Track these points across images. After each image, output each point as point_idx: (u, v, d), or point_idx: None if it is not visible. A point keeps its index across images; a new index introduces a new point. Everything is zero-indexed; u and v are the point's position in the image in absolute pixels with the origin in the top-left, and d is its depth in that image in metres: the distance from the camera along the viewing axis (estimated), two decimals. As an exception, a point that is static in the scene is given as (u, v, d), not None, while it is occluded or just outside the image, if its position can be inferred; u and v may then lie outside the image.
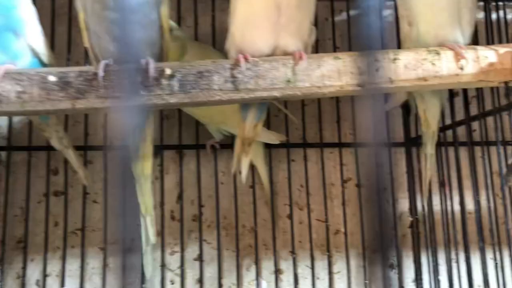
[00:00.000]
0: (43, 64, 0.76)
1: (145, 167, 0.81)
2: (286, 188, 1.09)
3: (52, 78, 0.68)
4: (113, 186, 0.29)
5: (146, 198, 0.82)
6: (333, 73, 0.73)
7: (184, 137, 1.07)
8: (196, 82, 0.70)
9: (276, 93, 0.72)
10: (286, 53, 0.74)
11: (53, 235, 1.03)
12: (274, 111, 1.09)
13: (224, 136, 1.04)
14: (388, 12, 1.11)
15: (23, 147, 1.03)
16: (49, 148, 0.96)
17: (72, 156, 0.90)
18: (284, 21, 0.72)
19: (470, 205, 0.99)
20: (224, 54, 0.80)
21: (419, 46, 0.78)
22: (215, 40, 1.08)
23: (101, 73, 0.67)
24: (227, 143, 1.04)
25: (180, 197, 1.07)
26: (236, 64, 0.71)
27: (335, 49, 1.15)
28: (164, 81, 0.70)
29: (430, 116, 0.93)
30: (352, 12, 1.15)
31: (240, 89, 0.71)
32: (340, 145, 1.12)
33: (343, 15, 1.18)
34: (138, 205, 0.80)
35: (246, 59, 0.71)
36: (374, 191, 0.28)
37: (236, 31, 0.74)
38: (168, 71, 0.70)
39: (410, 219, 1.12)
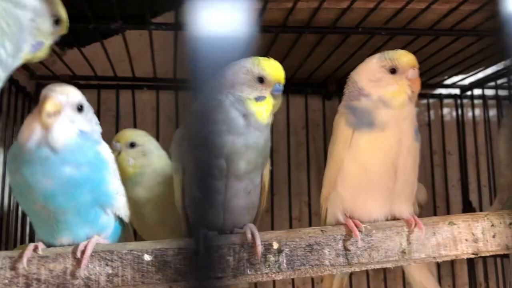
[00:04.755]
0: (123, 225, 0.67)
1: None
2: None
3: (147, 258, 0.59)
4: None
5: None
6: (448, 241, 0.67)
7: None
8: (306, 257, 0.62)
9: (389, 265, 0.65)
10: (397, 219, 0.68)
11: None
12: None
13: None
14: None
15: None
16: None
17: None
18: (399, 186, 0.66)
19: None
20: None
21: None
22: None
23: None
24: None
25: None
26: (348, 235, 0.64)
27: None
28: (272, 258, 0.62)
29: None
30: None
31: (352, 263, 0.64)
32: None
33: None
34: None
35: (358, 227, 0.64)
36: None
37: (346, 193, 0.66)
38: (275, 245, 0.62)
39: None
